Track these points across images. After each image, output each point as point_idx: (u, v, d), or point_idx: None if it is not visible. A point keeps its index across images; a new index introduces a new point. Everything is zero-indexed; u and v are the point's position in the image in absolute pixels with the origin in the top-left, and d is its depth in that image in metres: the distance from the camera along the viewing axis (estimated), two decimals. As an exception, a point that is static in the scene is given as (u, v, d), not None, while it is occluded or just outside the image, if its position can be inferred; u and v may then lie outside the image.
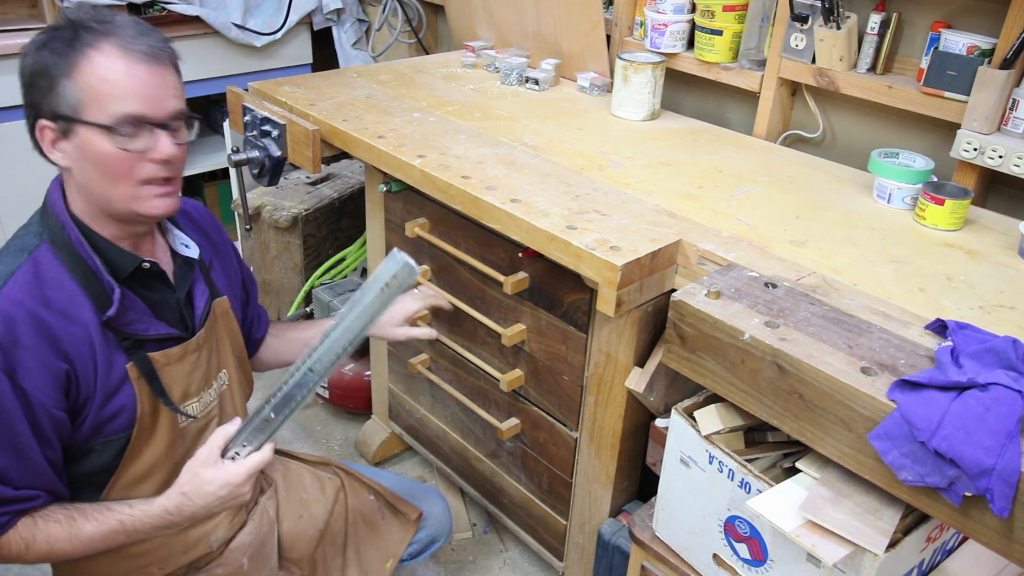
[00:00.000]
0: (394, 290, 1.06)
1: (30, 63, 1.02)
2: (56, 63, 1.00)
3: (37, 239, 1.07)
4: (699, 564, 1.28)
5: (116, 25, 1.03)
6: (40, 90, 1.02)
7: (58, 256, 1.05)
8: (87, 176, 1.05)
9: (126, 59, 1.01)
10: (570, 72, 2.12)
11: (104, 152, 1.02)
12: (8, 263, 1.04)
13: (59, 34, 1.01)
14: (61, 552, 1.07)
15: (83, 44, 1.00)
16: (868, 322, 1.09)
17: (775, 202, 1.48)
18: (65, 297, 1.04)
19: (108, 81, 1.00)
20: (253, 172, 1.84)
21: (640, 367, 1.41)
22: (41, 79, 1.01)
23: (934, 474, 0.90)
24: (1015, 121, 1.45)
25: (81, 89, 1.00)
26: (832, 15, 1.61)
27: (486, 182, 1.47)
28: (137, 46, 1.02)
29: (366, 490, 1.49)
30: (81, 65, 1.00)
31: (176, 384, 1.16)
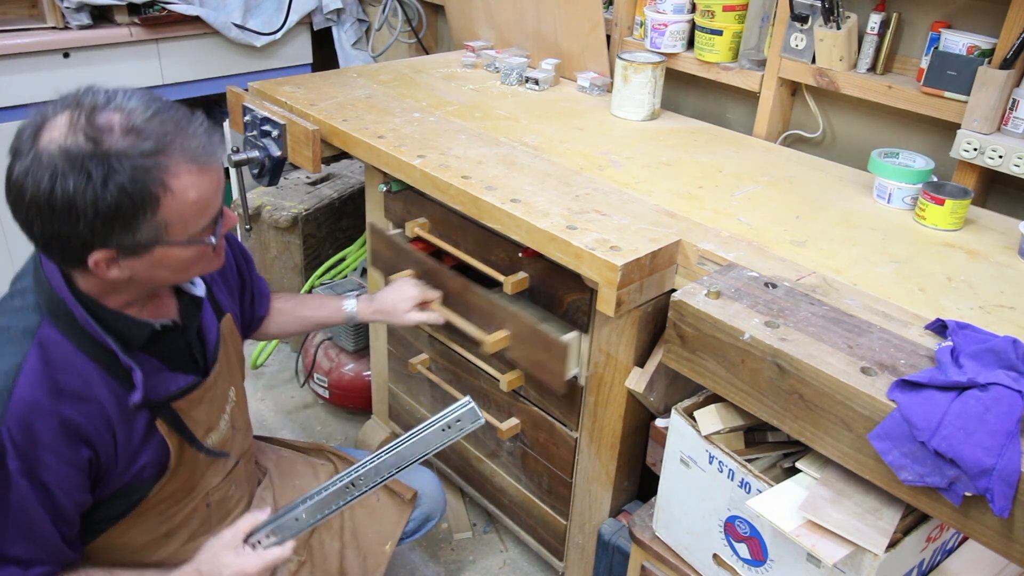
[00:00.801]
0: (455, 432, 1.09)
1: (87, 210, 0.89)
2: (133, 207, 0.90)
3: (37, 316, 0.98)
4: (699, 564, 1.28)
5: (167, 136, 0.92)
6: (104, 232, 0.91)
7: (63, 333, 0.98)
8: (154, 277, 1.00)
9: (201, 174, 0.95)
10: (570, 72, 2.12)
11: (185, 257, 0.99)
12: (13, 352, 0.95)
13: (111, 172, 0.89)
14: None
15: (157, 175, 0.91)
16: (868, 322, 1.09)
17: (775, 202, 1.48)
18: (77, 379, 0.98)
19: (193, 203, 0.95)
20: (253, 172, 1.84)
21: (640, 367, 1.41)
22: (114, 222, 0.91)
23: (934, 474, 0.90)
24: (1015, 121, 1.45)
25: (165, 220, 0.93)
26: (832, 15, 1.61)
27: (486, 182, 1.47)
28: (203, 157, 0.95)
29: None
30: (163, 200, 0.92)
31: (200, 424, 1.15)
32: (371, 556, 1.43)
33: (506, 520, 1.88)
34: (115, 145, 0.89)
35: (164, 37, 2.46)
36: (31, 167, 0.89)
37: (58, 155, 0.88)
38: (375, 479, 1.09)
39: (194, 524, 1.22)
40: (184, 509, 1.19)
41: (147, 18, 2.38)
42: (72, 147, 0.88)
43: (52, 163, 0.88)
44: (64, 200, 0.89)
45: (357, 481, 1.09)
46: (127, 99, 0.92)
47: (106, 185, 0.88)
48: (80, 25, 2.30)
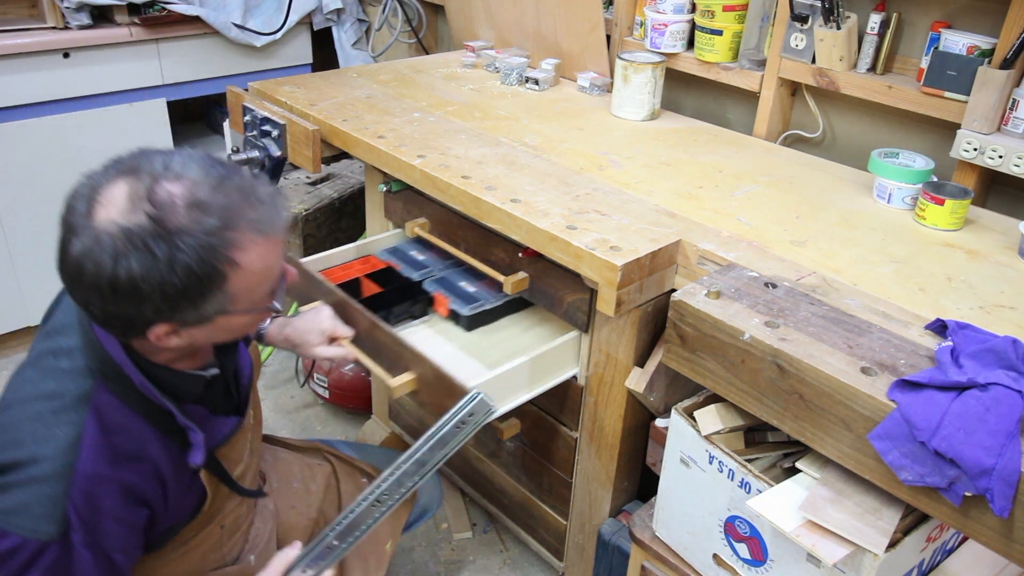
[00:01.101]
0: (470, 427, 1.06)
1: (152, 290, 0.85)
2: (200, 286, 0.86)
3: (89, 379, 0.94)
4: (699, 564, 1.28)
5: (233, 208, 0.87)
6: (169, 308, 0.87)
7: (118, 396, 0.95)
8: (209, 341, 0.98)
9: (267, 243, 0.90)
10: (570, 72, 2.12)
11: (246, 322, 0.97)
12: (71, 422, 0.91)
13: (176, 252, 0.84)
14: None
15: (224, 252, 0.86)
16: (868, 322, 1.09)
17: (775, 202, 1.48)
18: (133, 441, 0.96)
19: (259, 274, 0.91)
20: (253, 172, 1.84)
21: (640, 367, 1.41)
22: (180, 300, 0.86)
23: (934, 474, 0.90)
24: (1015, 121, 1.45)
25: (231, 293, 0.90)
26: (832, 15, 1.61)
27: (486, 182, 1.47)
28: (271, 227, 0.91)
29: (358, 473, 1.48)
30: (230, 276, 0.88)
31: (233, 463, 1.14)
32: (372, 556, 1.43)
33: (506, 520, 1.88)
34: (179, 223, 0.84)
35: (164, 37, 2.46)
36: (91, 248, 0.83)
37: (119, 235, 0.83)
38: (399, 491, 1.08)
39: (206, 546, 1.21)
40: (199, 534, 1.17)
41: (147, 18, 2.38)
42: (134, 227, 0.83)
43: (113, 244, 0.83)
44: (128, 283, 0.84)
45: (382, 497, 1.07)
46: (185, 166, 0.87)
47: (172, 266, 0.84)
48: (80, 25, 2.30)
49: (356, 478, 1.48)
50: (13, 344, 2.57)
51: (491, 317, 1.58)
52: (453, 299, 1.56)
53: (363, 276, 1.62)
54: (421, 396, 1.36)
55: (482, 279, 1.63)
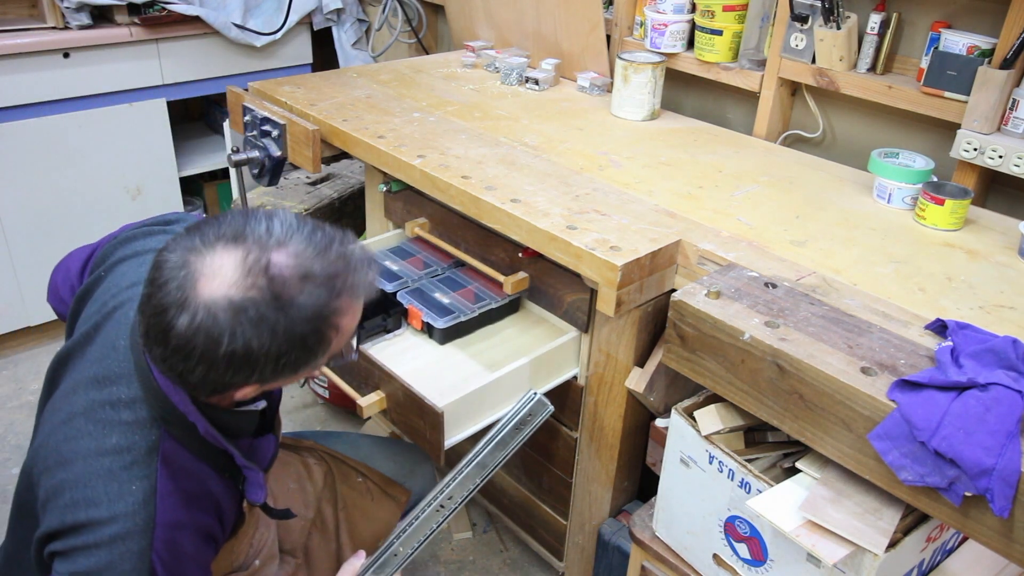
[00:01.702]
0: (529, 428, 1.08)
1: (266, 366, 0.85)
2: (309, 351, 0.87)
3: (156, 430, 0.93)
4: (699, 564, 1.28)
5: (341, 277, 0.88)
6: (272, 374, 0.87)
7: (180, 443, 0.95)
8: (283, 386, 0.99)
9: (358, 306, 0.92)
10: (570, 72, 2.12)
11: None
12: (144, 476, 0.91)
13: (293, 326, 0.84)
14: None
15: (331, 321, 0.88)
16: (868, 322, 1.09)
17: (775, 202, 1.48)
18: (199, 485, 0.97)
19: (349, 333, 0.93)
20: (253, 172, 1.84)
21: (640, 367, 1.41)
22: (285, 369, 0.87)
23: (934, 474, 0.90)
24: (1015, 121, 1.45)
25: (327, 356, 0.92)
26: (832, 15, 1.61)
27: (486, 182, 1.47)
28: (368, 292, 0.92)
29: (353, 472, 1.48)
30: (333, 340, 0.89)
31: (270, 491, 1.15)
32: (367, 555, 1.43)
33: (506, 520, 1.88)
34: (292, 295, 0.84)
35: (164, 37, 2.46)
36: (204, 323, 0.81)
37: (235, 309, 0.81)
38: (462, 494, 1.09)
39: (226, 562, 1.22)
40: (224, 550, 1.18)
41: (147, 18, 2.38)
42: (249, 302, 0.82)
43: (228, 320, 0.81)
44: (244, 355, 0.83)
45: (445, 502, 1.08)
46: (289, 234, 0.86)
47: (289, 339, 0.84)
48: (80, 25, 2.30)
49: (352, 478, 1.48)
50: (13, 344, 2.57)
51: (466, 329, 1.55)
52: (427, 311, 1.53)
53: None
54: (392, 415, 1.35)
55: (457, 290, 1.62)
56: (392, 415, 1.34)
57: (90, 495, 0.90)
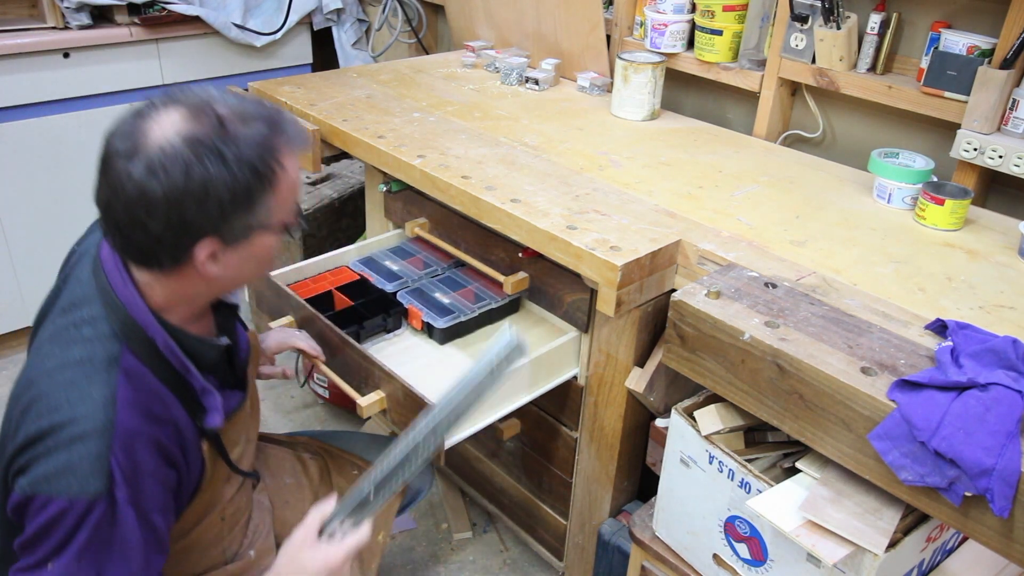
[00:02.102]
0: (503, 370, 1.06)
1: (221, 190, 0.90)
2: (259, 185, 0.92)
3: (116, 344, 0.96)
4: (699, 564, 1.28)
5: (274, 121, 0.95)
6: (228, 214, 0.92)
7: (143, 362, 0.97)
8: (241, 273, 1.01)
9: (295, 157, 0.98)
10: (570, 72, 2.12)
11: (274, 246, 1.00)
12: (105, 383, 0.93)
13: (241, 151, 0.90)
14: None
15: (273, 155, 0.94)
16: (868, 322, 1.09)
17: (775, 202, 1.48)
18: (160, 404, 0.98)
19: (293, 183, 0.98)
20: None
21: (640, 367, 1.41)
22: (239, 203, 0.92)
23: (934, 474, 0.90)
24: (1015, 121, 1.45)
25: (275, 201, 0.95)
26: (832, 15, 1.61)
27: (486, 182, 1.47)
28: (301, 144, 0.99)
29: (348, 466, 1.49)
30: (279, 179, 0.95)
31: (232, 443, 1.14)
32: (365, 548, 1.43)
33: (506, 520, 1.88)
34: (239, 129, 0.91)
35: (164, 37, 2.46)
36: (158, 163, 0.87)
37: (185, 144, 0.88)
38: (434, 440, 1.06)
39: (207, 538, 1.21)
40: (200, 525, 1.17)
41: (147, 18, 2.38)
42: (200, 133, 0.89)
43: (181, 152, 0.87)
44: (200, 185, 0.88)
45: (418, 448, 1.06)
46: (223, 94, 0.95)
47: (240, 165, 0.90)
48: (80, 25, 2.30)
49: (348, 471, 1.48)
50: (13, 344, 2.57)
51: (466, 329, 1.55)
52: (427, 311, 1.54)
53: (335, 289, 1.61)
54: (392, 415, 1.34)
55: (457, 290, 1.62)
56: (392, 415, 1.34)
57: (52, 403, 0.91)
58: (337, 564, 1.05)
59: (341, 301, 1.58)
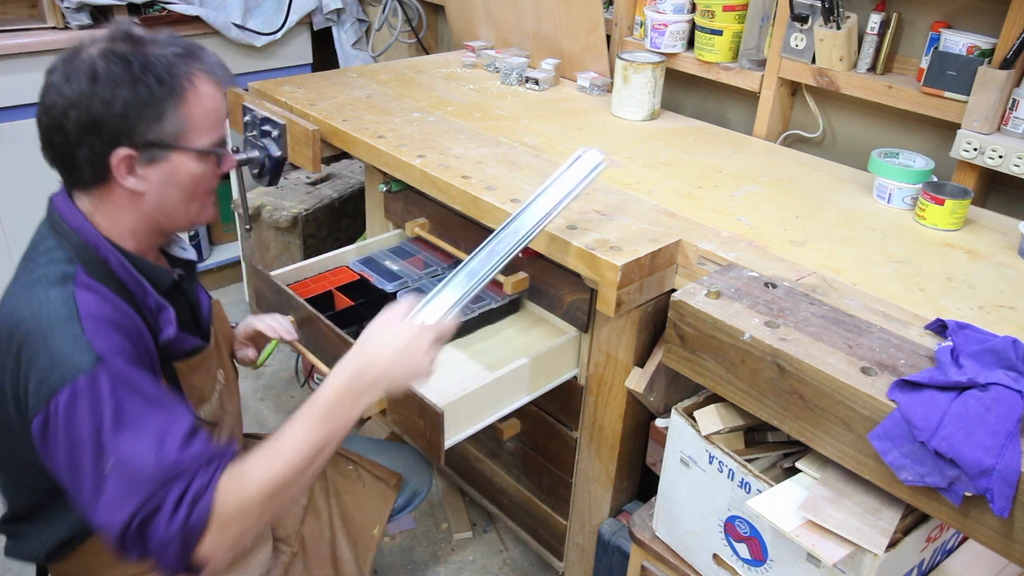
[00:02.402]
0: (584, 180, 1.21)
1: (125, 94, 0.96)
2: (164, 93, 0.99)
3: (70, 266, 1.00)
4: (699, 564, 1.28)
5: (192, 51, 1.03)
6: (135, 121, 0.98)
7: (99, 280, 1.00)
8: (165, 198, 1.04)
9: (214, 86, 1.03)
10: (570, 72, 2.12)
11: (196, 174, 1.04)
12: (60, 290, 0.97)
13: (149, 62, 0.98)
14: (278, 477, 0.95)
15: (185, 72, 1.00)
16: (868, 322, 1.09)
17: (775, 202, 1.48)
18: (121, 312, 1.00)
19: (207, 109, 1.02)
20: (253, 172, 1.84)
21: (640, 367, 1.41)
22: (145, 110, 0.98)
23: (934, 474, 0.90)
24: (1015, 121, 1.45)
25: (186, 119, 1.00)
26: (832, 15, 1.61)
27: (486, 182, 1.47)
28: (221, 74, 1.04)
29: (344, 460, 1.49)
30: (188, 95, 1.00)
31: (194, 391, 1.16)
32: (361, 541, 1.44)
33: (506, 520, 1.88)
34: (152, 48, 1.00)
35: (164, 37, 2.46)
36: (72, 70, 0.97)
37: (99, 56, 0.97)
38: (516, 240, 1.15)
39: None
40: None
41: (147, 18, 2.38)
42: (115, 48, 0.98)
43: (93, 62, 0.97)
44: (107, 86, 0.96)
45: (498, 246, 1.14)
46: (151, 32, 1.04)
47: (145, 72, 0.97)
48: (80, 25, 2.30)
49: (342, 465, 1.49)
50: (13, 344, 2.57)
51: (466, 329, 1.55)
52: None
53: (335, 289, 1.61)
54: (392, 415, 1.34)
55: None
56: (392, 415, 1.34)
57: (17, 318, 0.96)
58: (422, 344, 1.02)
59: (341, 301, 1.58)
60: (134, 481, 0.90)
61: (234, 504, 0.93)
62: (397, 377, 1.01)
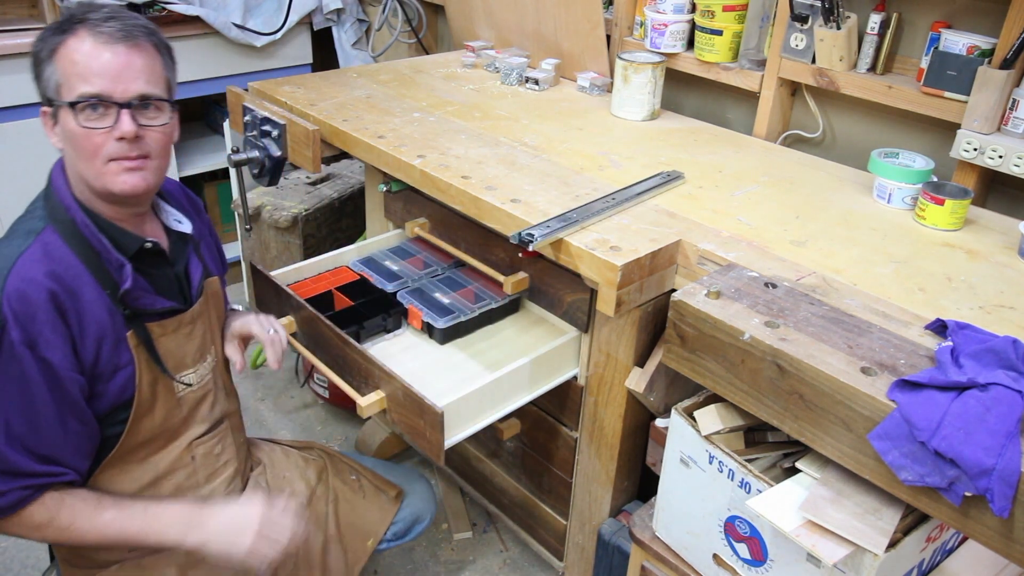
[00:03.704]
0: None
1: (32, 54, 1.09)
2: (41, 50, 1.07)
3: (42, 223, 1.09)
4: (699, 564, 1.28)
5: (95, 11, 1.07)
6: (35, 78, 1.09)
7: (63, 239, 1.08)
8: (68, 156, 1.10)
9: (93, 40, 1.05)
10: (570, 72, 2.12)
11: (72, 130, 1.06)
12: (16, 245, 1.06)
13: (51, 25, 1.08)
14: (79, 533, 1.10)
15: (63, 32, 1.06)
16: (868, 322, 1.09)
17: (775, 202, 1.48)
18: (73, 276, 1.07)
19: (76, 62, 1.05)
20: (253, 172, 1.84)
21: (640, 367, 1.41)
22: (35, 67, 1.08)
23: (934, 474, 0.90)
24: (1015, 121, 1.45)
25: (57, 72, 1.06)
26: (832, 15, 1.61)
27: (486, 182, 1.47)
28: (106, 28, 1.06)
29: (348, 470, 1.50)
30: (58, 50, 1.05)
31: (171, 354, 1.19)
32: (351, 551, 1.44)
33: (506, 520, 1.88)
34: (73, 12, 1.07)
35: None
36: None
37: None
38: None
39: (180, 477, 1.25)
40: (168, 457, 1.22)
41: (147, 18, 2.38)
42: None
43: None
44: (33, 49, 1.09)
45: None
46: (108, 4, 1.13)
47: (41, 36, 1.08)
48: (80, 25, 2.30)
49: (346, 474, 1.49)
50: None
51: (466, 329, 1.56)
52: (427, 311, 1.54)
53: (335, 289, 1.61)
54: (392, 415, 1.34)
55: (457, 290, 1.62)
56: (392, 415, 1.34)
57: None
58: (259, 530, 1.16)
59: (341, 301, 1.58)
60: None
61: (37, 519, 1.08)
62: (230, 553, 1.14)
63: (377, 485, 1.50)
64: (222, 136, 2.93)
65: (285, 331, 1.39)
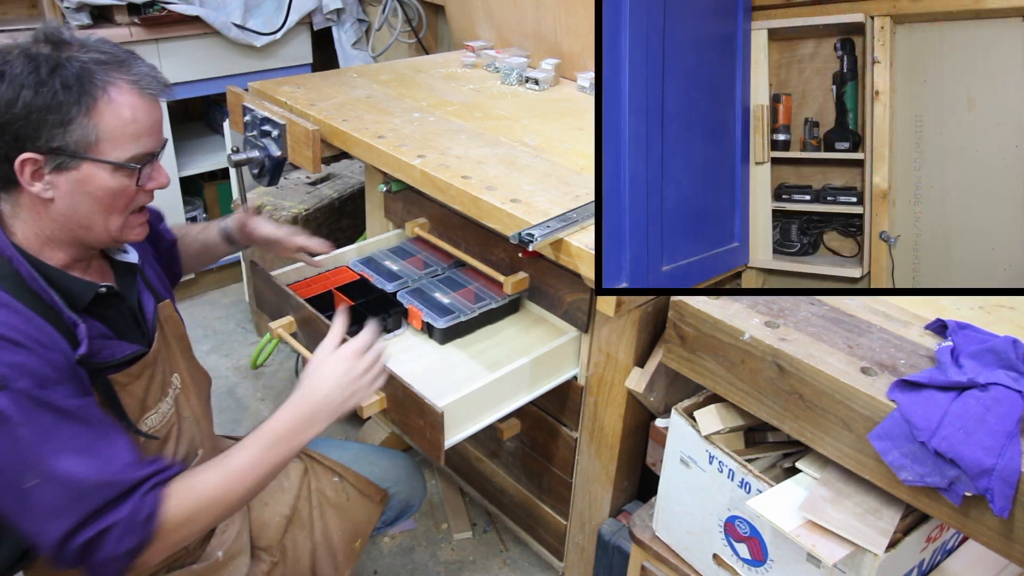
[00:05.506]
0: None
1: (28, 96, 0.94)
2: (70, 100, 0.95)
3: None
4: (699, 564, 1.28)
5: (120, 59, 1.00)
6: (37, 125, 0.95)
7: (8, 292, 0.98)
8: (77, 208, 1.01)
9: (141, 98, 1.00)
10: (570, 72, 2.12)
11: (109, 187, 1.00)
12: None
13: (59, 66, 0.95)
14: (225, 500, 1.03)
15: (100, 81, 0.97)
16: (868, 322, 1.09)
17: (775, 202, 1.48)
18: (35, 328, 0.97)
19: (128, 122, 0.99)
20: (253, 172, 1.84)
21: (640, 367, 1.41)
22: (48, 114, 0.95)
23: (934, 474, 0.90)
24: None
25: (98, 128, 0.97)
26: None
27: (486, 182, 1.47)
28: (148, 85, 1.01)
29: (329, 473, 1.48)
30: (100, 104, 0.97)
31: (134, 401, 1.13)
32: (340, 553, 1.43)
33: (506, 520, 1.88)
34: (72, 53, 0.97)
35: (164, 37, 2.46)
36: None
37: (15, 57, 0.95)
38: None
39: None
40: None
41: (147, 18, 2.38)
42: (31, 50, 0.95)
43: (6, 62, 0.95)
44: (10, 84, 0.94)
45: None
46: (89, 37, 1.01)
47: (52, 75, 0.94)
48: (80, 25, 2.30)
49: (329, 477, 1.47)
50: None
51: (466, 329, 1.55)
52: (427, 311, 1.54)
53: (335, 289, 1.61)
54: (392, 415, 1.34)
55: (457, 290, 1.62)
56: (392, 415, 1.34)
57: None
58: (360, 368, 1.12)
59: (341, 301, 1.58)
60: (69, 497, 0.93)
61: (180, 517, 0.99)
62: (339, 403, 1.10)
63: (361, 490, 1.49)
64: (222, 136, 2.93)
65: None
